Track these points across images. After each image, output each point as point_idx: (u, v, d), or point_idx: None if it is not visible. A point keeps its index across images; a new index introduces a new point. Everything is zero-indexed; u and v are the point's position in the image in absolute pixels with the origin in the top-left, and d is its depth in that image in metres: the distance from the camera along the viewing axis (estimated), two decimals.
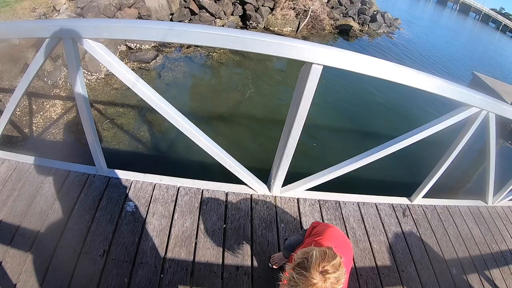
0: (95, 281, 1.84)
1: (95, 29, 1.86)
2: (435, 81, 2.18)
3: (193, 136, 2.18)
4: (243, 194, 2.56)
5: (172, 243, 2.12)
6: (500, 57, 26.22)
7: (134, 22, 2.42)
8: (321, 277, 1.29)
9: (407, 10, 33.05)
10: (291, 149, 2.25)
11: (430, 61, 14.20)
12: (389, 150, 2.46)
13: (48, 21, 3.41)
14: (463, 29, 39.91)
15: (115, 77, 5.74)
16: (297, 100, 2.01)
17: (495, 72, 17.03)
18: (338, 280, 1.32)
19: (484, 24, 62.67)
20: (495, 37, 46.83)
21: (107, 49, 1.97)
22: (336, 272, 1.32)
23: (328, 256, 1.37)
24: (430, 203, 3.25)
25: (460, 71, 14.75)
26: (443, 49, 18.28)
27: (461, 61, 17.19)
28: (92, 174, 2.45)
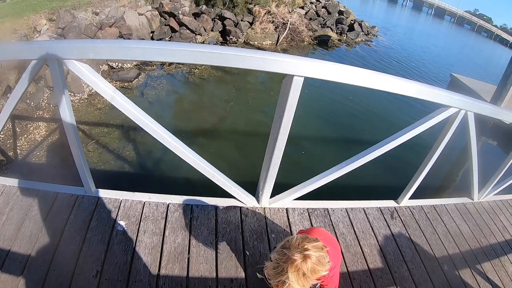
0: None
1: (80, 50, 1.86)
2: (413, 85, 2.26)
3: (180, 152, 2.19)
4: (232, 207, 2.58)
5: (165, 260, 2.11)
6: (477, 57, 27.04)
7: (118, 42, 2.44)
8: (301, 255, 1.29)
9: (384, 18, 33.93)
10: (277, 160, 2.28)
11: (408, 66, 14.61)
12: (374, 154, 2.51)
13: (33, 43, 3.41)
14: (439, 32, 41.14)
15: (98, 97, 5.75)
16: (280, 112, 2.05)
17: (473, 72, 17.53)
18: (319, 261, 1.33)
19: (459, 27, 64.70)
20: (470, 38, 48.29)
21: (93, 70, 1.98)
22: (318, 253, 1.33)
23: (309, 238, 1.39)
24: (417, 203, 3.31)
25: (439, 73, 15.18)
26: (420, 54, 18.81)
27: (439, 64, 17.70)
28: (80, 195, 2.44)
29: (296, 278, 1.29)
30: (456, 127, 2.74)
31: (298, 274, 1.29)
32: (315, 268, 1.32)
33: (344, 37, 16.00)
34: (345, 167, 2.51)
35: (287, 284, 1.31)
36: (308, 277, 1.31)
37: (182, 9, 11.14)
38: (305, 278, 1.30)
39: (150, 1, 11.24)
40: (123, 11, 9.29)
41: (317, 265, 1.32)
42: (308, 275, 1.30)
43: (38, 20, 7.70)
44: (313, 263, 1.31)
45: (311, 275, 1.31)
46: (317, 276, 1.34)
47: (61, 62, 1.90)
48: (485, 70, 21.41)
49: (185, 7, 11.50)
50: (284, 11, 13.30)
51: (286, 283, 1.30)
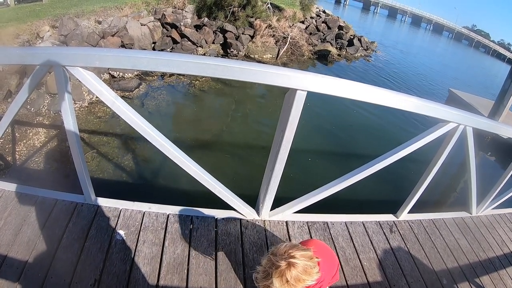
0: None
1: (86, 58, 1.88)
2: (412, 101, 2.29)
3: (181, 162, 2.20)
4: (232, 219, 2.58)
5: (164, 271, 2.10)
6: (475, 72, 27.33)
7: (125, 51, 2.47)
8: (285, 262, 1.30)
9: (383, 33, 34.30)
10: (278, 173, 2.29)
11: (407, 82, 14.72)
12: (373, 169, 2.53)
13: (39, 49, 3.42)
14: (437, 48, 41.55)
15: (99, 106, 5.77)
16: (282, 126, 2.07)
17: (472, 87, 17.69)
18: (305, 270, 1.33)
19: (457, 42, 65.48)
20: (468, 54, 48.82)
21: (98, 78, 2.00)
22: (304, 262, 1.33)
23: (299, 247, 1.40)
24: (415, 218, 3.32)
25: (437, 89, 15.32)
26: (419, 69, 18.99)
27: (437, 80, 17.87)
28: (80, 203, 2.43)
29: (279, 284, 1.30)
30: (455, 142, 2.76)
31: (281, 280, 1.29)
32: (300, 277, 1.32)
33: (343, 52, 16.17)
34: (344, 181, 2.53)
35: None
36: (292, 285, 1.31)
37: (184, 21, 11.27)
38: (289, 285, 1.31)
39: (152, 12, 11.36)
40: (126, 21, 9.38)
41: (302, 274, 1.32)
42: (292, 283, 1.30)
43: (41, 27, 7.77)
44: (298, 272, 1.31)
45: (295, 283, 1.31)
46: (302, 285, 1.34)
47: (67, 69, 1.92)
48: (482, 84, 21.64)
49: (187, 19, 11.63)
50: (284, 25, 13.47)
51: (270, 287, 1.32)
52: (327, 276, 1.67)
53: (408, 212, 3.21)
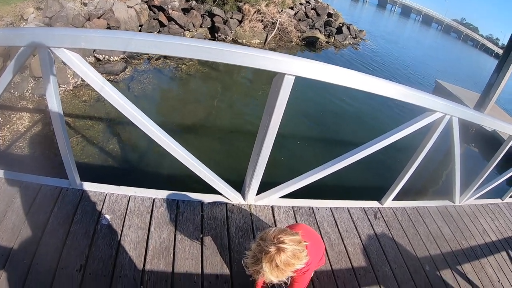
0: None
1: (72, 39, 1.82)
2: (400, 89, 2.30)
3: (167, 146, 2.17)
4: (218, 203, 2.57)
5: (150, 255, 2.09)
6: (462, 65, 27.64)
7: (112, 32, 2.40)
8: (275, 248, 1.31)
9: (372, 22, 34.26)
10: (264, 158, 2.29)
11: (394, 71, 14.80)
12: (359, 155, 2.55)
13: (23, 29, 3.31)
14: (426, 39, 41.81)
15: (84, 89, 5.65)
16: (269, 110, 2.06)
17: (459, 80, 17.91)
18: (294, 255, 1.35)
19: (446, 34, 65.97)
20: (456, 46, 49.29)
21: (83, 59, 1.94)
22: (293, 246, 1.34)
23: (287, 231, 1.41)
24: (400, 205, 3.38)
25: (424, 80, 15.46)
26: (406, 59, 19.08)
27: (424, 70, 18.02)
28: (65, 187, 2.38)
29: (269, 269, 1.31)
30: (440, 131, 2.80)
31: (271, 265, 1.31)
32: (289, 261, 1.34)
33: (332, 39, 16.09)
34: (330, 167, 2.54)
35: (261, 273, 1.33)
36: (282, 269, 1.33)
37: (171, 4, 11.01)
38: (279, 269, 1.32)
39: None
40: (112, 3, 9.12)
41: (291, 259, 1.34)
42: (282, 267, 1.32)
43: (25, 8, 7.50)
44: (287, 256, 1.33)
45: (284, 267, 1.33)
46: (292, 268, 1.36)
47: (52, 50, 1.86)
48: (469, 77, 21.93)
49: (175, 1, 11.36)
50: (273, 10, 13.28)
51: (261, 272, 1.33)
52: (314, 259, 1.70)
53: (393, 200, 3.26)
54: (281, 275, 1.35)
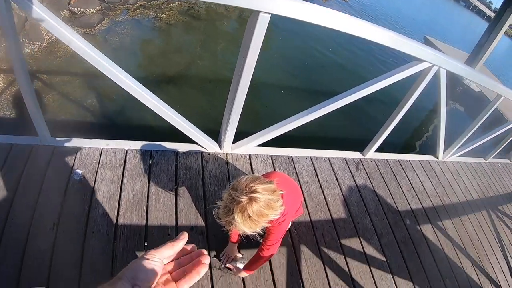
0: (48, 257, 1.71)
1: None
2: (388, 34, 2.15)
3: (138, 94, 2.02)
4: (193, 152, 2.47)
5: (123, 209, 2.01)
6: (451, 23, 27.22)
7: None
8: (247, 197, 1.22)
9: None
10: (239, 103, 2.15)
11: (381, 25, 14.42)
12: (342, 102, 2.43)
13: None
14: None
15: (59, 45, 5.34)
16: (244, 52, 1.90)
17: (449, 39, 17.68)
18: (267, 205, 1.25)
19: None
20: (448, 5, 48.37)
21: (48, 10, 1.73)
22: (266, 196, 1.25)
23: (260, 180, 1.30)
24: (382, 157, 3.34)
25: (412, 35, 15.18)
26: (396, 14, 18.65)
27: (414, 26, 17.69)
28: (36, 145, 2.24)
29: (242, 220, 1.22)
30: (427, 82, 2.70)
31: (243, 216, 1.22)
32: (262, 211, 1.24)
33: None
34: (311, 113, 2.42)
35: (233, 224, 1.24)
36: (255, 220, 1.24)
37: None
38: (252, 220, 1.23)
39: None
40: None
41: (264, 209, 1.24)
42: (255, 218, 1.23)
43: None
44: (260, 206, 1.23)
45: (257, 218, 1.23)
46: (265, 219, 1.27)
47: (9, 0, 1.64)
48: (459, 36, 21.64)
49: None
50: None
51: (233, 223, 1.24)
52: (291, 209, 1.62)
53: (375, 151, 3.21)
54: (254, 226, 1.26)
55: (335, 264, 2.21)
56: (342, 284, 2.13)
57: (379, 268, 2.36)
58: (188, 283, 0.59)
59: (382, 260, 2.42)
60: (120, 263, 1.78)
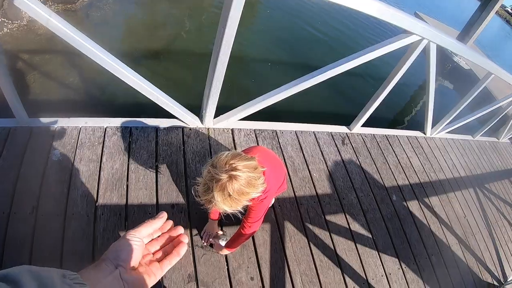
0: (29, 241, 1.66)
1: None
2: (376, 4, 2.05)
3: (116, 70, 1.93)
4: (174, 128, 2.39)
5: (103, 188, 1.95)
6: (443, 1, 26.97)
7: None
8: (227, 175, 1.16)
9: None
10: (220, 75, 2.06)
11: None
12: (327, 75, 2.35)
13: None
14: None
15: (38, 23, 5.15)
16: (223, 22, 1.80)
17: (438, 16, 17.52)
18: (248, 183, 1.20)
19: None
20: None
21: None
22: (247, 173, 1.20)
23: (241, 156, 1.24)
24: (369, 132, 3.30)
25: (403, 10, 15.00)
26: None
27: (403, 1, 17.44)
28: (13, 127, 2.14)
29: (222, 198, 1.17)
30: (416, 56, 2.63)
31: (223, 195, 1.16)
32: (243, 189, 1.19)
33: None
34: (295, 86, 2.35)
35: (213, 203, 1.19)
36: (235, 199, 1.19)
37: None
38: (232, 199, 1.18)
39: None
40: None
41: (245, 187, 1.19)
42: (235, 197, 1.18)
43: None
44: (240, 185, 1.18)
45: (238, 196, 1.18)
46: (246, 198, 1.22)
47: None
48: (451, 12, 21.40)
49: None
50: None
51: (213, 202, 1.19)
52: (273, 186, 1.57)
53: (362, 126, 3.17)
54: (235, 205, 1.21)
55: (320, 241, 2.19)
56: (327, 260, 2.12)
57: (365, 245, 2.35)
58: (170, 263, 0.62)
59: (368, 236, 2.42)
60: (101, 244, 1.75)
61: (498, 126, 5.01)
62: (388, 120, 5.93)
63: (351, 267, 2.19)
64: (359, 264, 2.23)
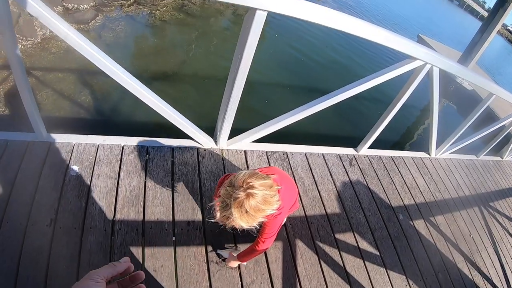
0: (46, 253, 1.71)
1: None
2: (382, 32, 2.18)
3: (136, 90, 2.04)
4: (189, 148, 2.49)
5: (120, 204, 2.03)
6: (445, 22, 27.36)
7: None
8: (245, 193, 1.24)
9: None
10: (235, 99, 2.17)
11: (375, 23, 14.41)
12: (335, 99, 2.46)
13: None
14: None
15: (52, 41, 5.30)
16: (240, 49, 1.92)
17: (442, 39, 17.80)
18: (265, 200, 1.27)
19: None
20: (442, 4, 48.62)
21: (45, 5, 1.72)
22: (263, 191, 1.27)
23: (258, 175, 1.31)
24: (375, 153, 3.39)
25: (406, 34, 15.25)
26: (389, 12, 18.69)
27: (407, 24, 17.76)
28: (31, 141, 2.24)
29: (239, 215, 1.24)
30: (420, 80, 2.74)
31: (241, 211, 1.24)
32: (259, 206, 1.26)
33: None
34: (305, 110, 2.45)
35: (230, 219, 1.27)
36: (252, 215, 1.26)
37: None
38: (249, 215, 1.25)
39: None
40: None
41: (261, 204, 1.27)
42: (252, 213, 1.25)
43: None
44: (257, 202, 1.25)
45: (254, 213, 1.26)
46: (262, 214, 1.30)
47: None
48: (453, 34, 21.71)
49: None
50: None
51: (230, 218, 1.27)
52: (287, 204, 1.65)
53: (369, 148, 3.25)
54: (251, 221, 1.29)
55: (329, 258, 2.25)
56: (336, 277, 2.17)
57: (373, 262, 2.40)
58: None
59: (376, 254, 2.47)
60: (118, 258, 1.79)
61: (502, 145, 5.08)
62: (394, 141, 6.03)
63: (360, 284, 2.23)
64: (368, 281, 2.28)
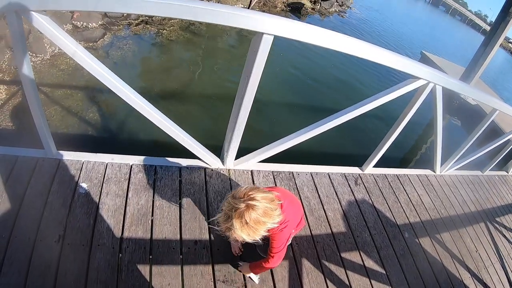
0: (53, 269, 1.73)
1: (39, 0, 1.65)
2: (384, 53, 2.24)
3: (144, 110, 2.09)
4: (196, 168, 2.53)
5: (128, 222, 2.06)
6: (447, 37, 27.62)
7: None
8: (245, 204, 1.28)
9: None
10: (242, 120, 2.23)
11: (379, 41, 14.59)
12: (340, 120, 2.51)
13: None
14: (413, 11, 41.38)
15: (61, 58, 5.42)
16: (248, 71, 1.98)
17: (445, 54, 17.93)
18: (265, 213, 1.32)
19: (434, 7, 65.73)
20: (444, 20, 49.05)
21: (54, 23, 1.80)
22: (264, 204, 1.32)
23: (259, 189, 1.37)
24: (380, 172, 3.40)
25: (409, 50, 15.39)
26: (393, 30, 18.91)
27: (410, 41, 17.92)
28: (41, 157, 2.29)
29: (239, 226, 1.29)
30: (423, 99, 2.78)
31: (241, 222, 1.28)
32: (259, 219, 1.31)
33: (317, 6, 15.47)
34: (311, 130, 2.50)
35: (232, 230, 1.31)
36: (252, 227, 1.30)
37: None
38: (249, 227, 1.30)
39: None
40: None
41: (261, 216, 1.31)
42: (252, 225, 1.29)
43: None
44: (257, 214, 1.30)
45: (254, 225, 1.30)
46: (263, 227, 1.34)
47: (19, 14, 1.70)
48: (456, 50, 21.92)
49: None
50: None
51: (231, 229, 1.31)
52: (292, 218, 1.66)
53: (374, 166, 3.27)
54: (252, 233, 1.33)
55: (336, 277, 2.25)
56: None
57: (379, 281, 2.40)
58: None
59: (382, 272, 2.46)
60: (126, 275, 1.82)
61: (507, 159, 5.07)
62: (399, 158, 6.04)
63: None
64: None
